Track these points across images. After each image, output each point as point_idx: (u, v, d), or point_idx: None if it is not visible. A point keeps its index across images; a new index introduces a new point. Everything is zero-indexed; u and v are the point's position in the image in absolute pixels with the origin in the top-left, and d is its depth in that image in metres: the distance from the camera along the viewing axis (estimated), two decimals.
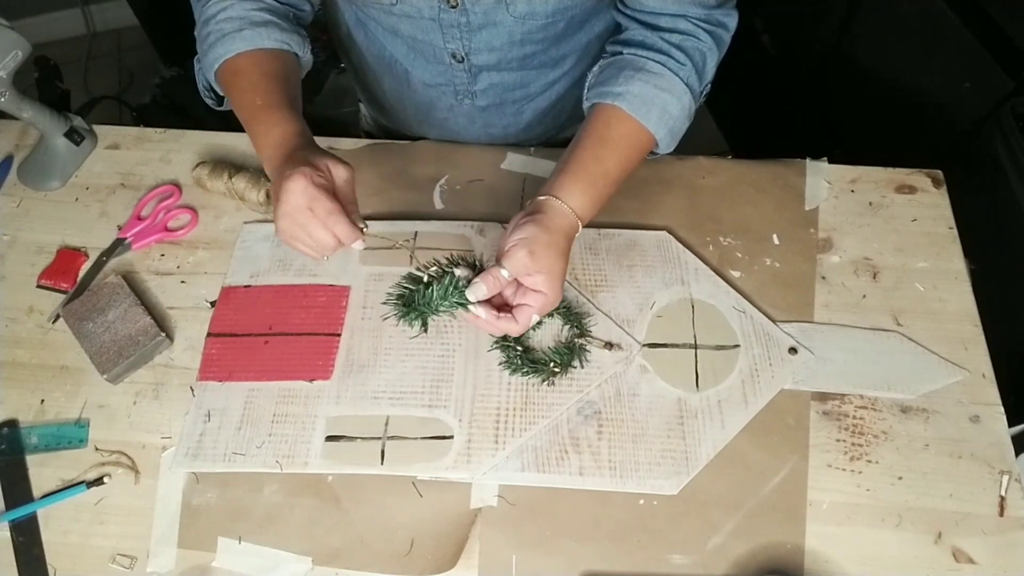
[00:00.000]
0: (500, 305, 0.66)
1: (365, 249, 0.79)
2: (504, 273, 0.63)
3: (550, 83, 0.86)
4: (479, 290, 0.63)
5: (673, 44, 0.68)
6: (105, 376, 0.71)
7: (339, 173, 0.62)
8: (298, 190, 0.58)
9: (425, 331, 0.71)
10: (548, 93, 0.88)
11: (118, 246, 0.81)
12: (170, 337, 0.75)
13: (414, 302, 0.68)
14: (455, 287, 0.64)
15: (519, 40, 0.76)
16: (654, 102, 0.67)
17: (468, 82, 0.83)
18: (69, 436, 0.70)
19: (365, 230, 0.64)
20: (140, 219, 0.83)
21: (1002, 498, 0.65)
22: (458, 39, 0.76)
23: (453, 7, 0.72)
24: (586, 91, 0.72)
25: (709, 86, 0.73)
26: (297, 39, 0.73)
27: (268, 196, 0.82)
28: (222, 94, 0.74)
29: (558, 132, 0.97)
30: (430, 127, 0.94)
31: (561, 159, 0.68)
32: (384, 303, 0.74)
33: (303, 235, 0.61)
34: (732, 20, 0.71)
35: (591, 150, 0.67)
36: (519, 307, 0.64)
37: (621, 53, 0.70)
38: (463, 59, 0.79)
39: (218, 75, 0.71)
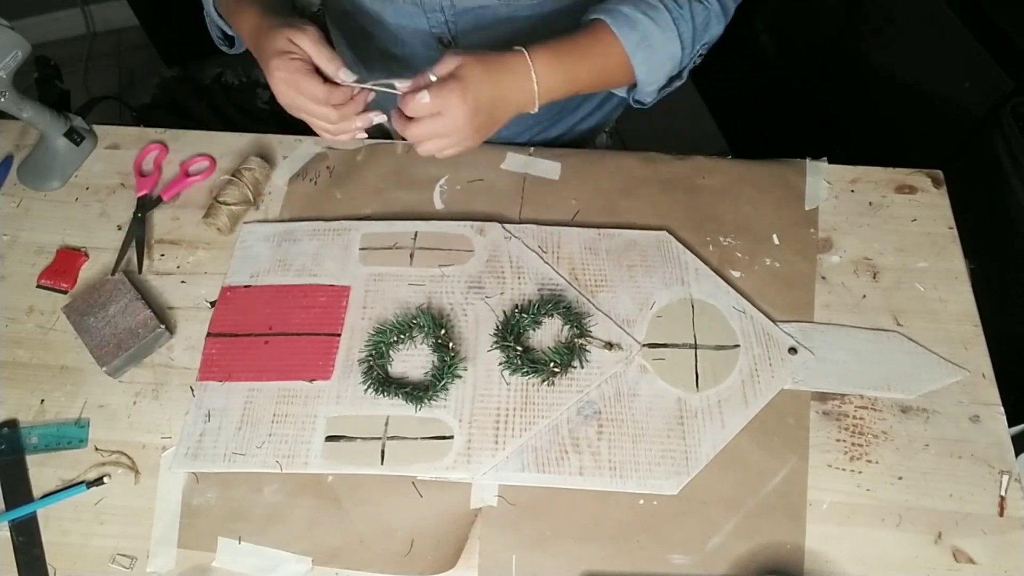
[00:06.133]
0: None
1: (364, 249, 0.79)
2: (431, 77, 0.63)
3: None
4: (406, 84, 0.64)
5: None
6: (104, 369, 0.71)
7: (305, 43, 0.64)
8: (281, 89, 0.64)
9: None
10: None
11: (149, 206, 0.83)
12: (170, 330, 0.75)
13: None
14: None
15: (505, 18, 0.77)
16: (637, 25, 0.68)
17: None
18: (69, 436, 0.70)
19: (355, 83, 0.66)
20: (143, 176, 0.86)
21: (1002, 498, 0.65)
22: (443, 23, 0.77)
23: None
24: None
25: (703, 48, 0.72)
26: None
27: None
28: (231, 33, 0.78)
29: (550, 127, 0.96)
30: None
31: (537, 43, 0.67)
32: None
33: (312, 121, 0.67)
34: None
35: (571, 44, 0.68)
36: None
37: None
38: (450, 44, 0.80)
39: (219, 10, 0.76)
